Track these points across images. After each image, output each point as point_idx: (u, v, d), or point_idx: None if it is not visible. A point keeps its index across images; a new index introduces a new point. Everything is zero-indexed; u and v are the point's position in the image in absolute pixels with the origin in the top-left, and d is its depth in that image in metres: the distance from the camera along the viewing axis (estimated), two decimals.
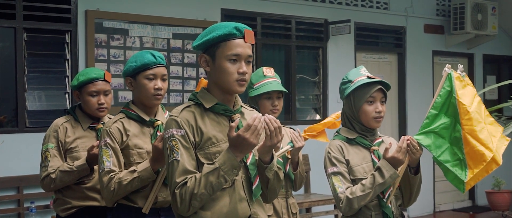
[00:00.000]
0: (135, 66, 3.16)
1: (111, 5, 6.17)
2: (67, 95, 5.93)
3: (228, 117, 2.54)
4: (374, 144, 3.18)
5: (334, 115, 3.65)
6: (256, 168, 2.52)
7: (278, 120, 2.46)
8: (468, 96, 3.05)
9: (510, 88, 9.74)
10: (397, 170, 3.04)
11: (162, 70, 3.19)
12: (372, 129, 3.19)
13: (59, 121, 3.67)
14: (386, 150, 3.03)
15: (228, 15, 7.02)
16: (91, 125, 3.66)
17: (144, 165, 3.03)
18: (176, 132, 2.45)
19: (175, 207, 2.44)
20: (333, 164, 3.11)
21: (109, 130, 3.10)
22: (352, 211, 3.06)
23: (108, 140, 3.08)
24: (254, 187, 2.51)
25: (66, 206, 3.59)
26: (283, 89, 3.61)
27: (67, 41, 5.96)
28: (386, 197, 3.08)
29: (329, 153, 3.15)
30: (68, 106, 5.85)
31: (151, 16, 6.42)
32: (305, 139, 3.58)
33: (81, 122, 3.66)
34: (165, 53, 6.49)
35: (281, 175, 2.62)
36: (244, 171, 2.52)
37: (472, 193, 9.77)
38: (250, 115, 2.63)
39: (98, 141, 3.52)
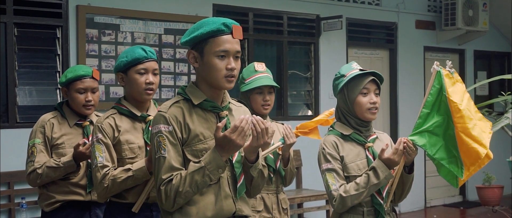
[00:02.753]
0: (126, 61, 3.16)
1: (102, 0, 6.15)
2: (58, 91, 5.90)
3: (216, 113, 2.55)
4: (369, 140, 3.18)
5: (327, 111, 3.65)
6: (241, 166, 2.54)
7: (265, 121, 2.46)
8: (458, 93, 3.05)
9: (500, 84, 9.79)
10: (392, 170, 3.05)
11: (153, 65, 3.19)
12: (367, 123, 3.19)
13: (46, 117, 3.69)
14: (382, 150, 3.02)
15: (220, 10, 7.02)
16: (78, 122, 3.68)
17: (139, 164, 3.03)
18: (164, 128, 2.46)
19: (160, 203, 2.47)
20: (327, 161, 3.11)
21: (101, 126, 3.11)
22: (344, 209, 3.08)
23: (100, 135, 3.09)
24: (238, 185, 2.53)
25: (50, 200, 3.61)
26: (274, 84, 3.61)
27: (58, 36, 5.94)
28: (383, 198, 3.10)
29: (323, 149, 3.14)
30: (59, 101, 5.83)
31: (143, 12, 6.40)
32: (297, 136, 3.58)
33: (68, 118, 3.68)
34: (157, 48, 6.48)
35: (266, 172, 2.63)
36: (230, 169, 2.53)
37: (462, 188, 9.82)
38: (239, 111, 2.65)
39: (84, 139, 3.53)
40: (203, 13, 6.79)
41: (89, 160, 3.48)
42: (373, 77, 3.15)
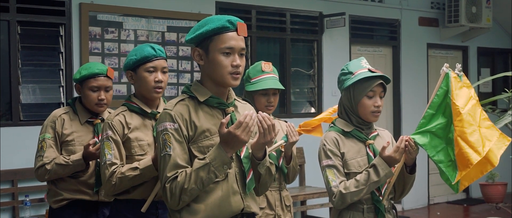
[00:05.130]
0: (135, 60, 3.17)
1: None
2: (61, 89, 5.91)
3: (222, 110, 2.55)
4: (369, 137, 3.17)
5: (331, 109, 3.64)
6: (249, 161, 2.53)
7: (272, 117, 2.45)
8: (463, 97, 3.02)
9: (504, 81, 9.78)
10: (392, 168, 3.04)
11: (162, 63, 3.20)
12: (368, 122, 3.18)
13: (58, 112, 3.67)
14: (383, 148, 3.01)
15: (223, 8, 7.01)
16: (89, 119, 3.66)
17: (146, 162, 3.03)
18: (170, 125, 2.45)
19: (166, 201, 2.46)
20: (328, 157, 3.10)
21: (111, 123, 3.12)
22: (344, 205, 3.07)
23: (110, 132, 3.10)
24: (247, 180, 2.52)
25: (58, 197, 3.60)
26: (280, 86, 3.59)
27: (61, 34, 5.94)
28: (382, 195, 3.08)
29: (324, 145, 3.13)
30: (63, 99, 5.84)
31: (146, 9, 6.40)
32: (300, 134, 3.57)
33: (80, 115, 3.65)
34: (160, 46, 6.47)
35: (273, 169, 2.63)
36: (238, 165, 2.53)
37: None
38: (244, 108, 2.65)
39: (94, 139, 3.53)
40: (206, 11, 6.79)
41: (98, 160, 3.47)
42: (381, 81, 3.12)
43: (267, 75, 3.59)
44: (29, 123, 5.66)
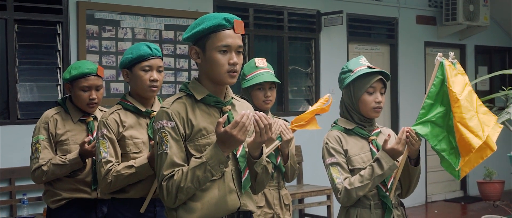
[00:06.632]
0: (131, 58, 3.17)
1: None
2: (58, 87, 5.91)
3: (219, 108, 2.55)
4: (372, 134, 3.18)
5: (322, 99, 3.61)
6: (245, 160, 2.54)
7: (269, 117, 2.45)
8: (459, 84, 3.06)
9: (501, 79, 9.78)
10: (396, 161, 3.04)
11: (157, 62, 3.20)
12: (370, 119, 3.19)
13: (50, 113, 3.65)
14: (385, 141, 3.02)
15: (220, 6, 7.01)
16: (82, 118, 3.65)
17: (142, 160, 3.04)
18: (167, 123, 2.46)
19: (162, 199, 2.47)
20: (331, 155, 3.11)
21: (106, 121, 3.12)
22: (350, 202, 3.07)
23: (105, 130, 3.10)
24: (243, 179, 2.52)
25: (56, 198, 3.58)
26: (275, 80, 3.60)
27: (59, 32, 5.93)
28: (389, 190, 3.09)
29: (327, 143, 3.14)
30: (60, 98, 5.82)
31: (143, 7, 6.40)
32: (293, 131, 3.55)
33: (72, 114, 3.64)
34: (157, 44, 6.46)
35: (270, 168, 2.63)
36: (234, 163, 2.53)
37: (463, 183, 9.82)
38: (241, 106, 2.65)
39: (89, 136, 3.52)
40: (204, 9, 6.78)
41: (94, 157, 3.47)
42: (380, 77, 3.14)
43: (262, 71, 3.60)
44: (26, 121, 5.66)
